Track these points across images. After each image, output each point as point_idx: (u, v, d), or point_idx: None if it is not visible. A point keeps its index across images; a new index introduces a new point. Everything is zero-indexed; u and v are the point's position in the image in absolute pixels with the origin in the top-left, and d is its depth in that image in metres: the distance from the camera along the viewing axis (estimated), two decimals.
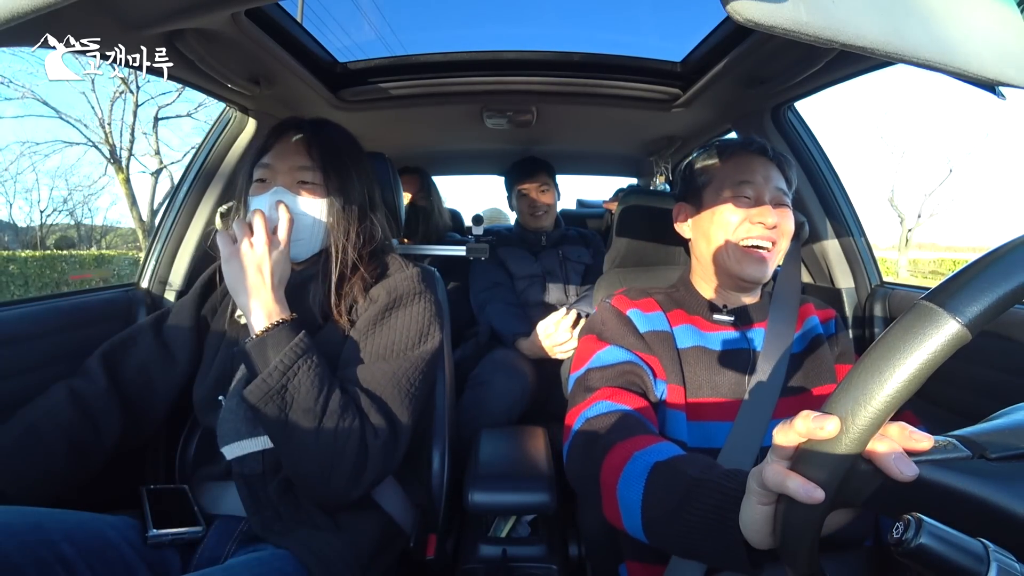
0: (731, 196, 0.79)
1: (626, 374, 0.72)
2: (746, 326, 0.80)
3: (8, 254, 10.01)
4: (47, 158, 11.87)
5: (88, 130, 10.76)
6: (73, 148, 11.27)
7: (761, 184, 0.78)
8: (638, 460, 0.56)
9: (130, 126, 10.93)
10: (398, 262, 0.87)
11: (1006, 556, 0.29)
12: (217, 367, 0.82)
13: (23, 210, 14.12)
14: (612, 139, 1.85)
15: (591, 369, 0.75)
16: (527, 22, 1.43)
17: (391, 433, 0.70)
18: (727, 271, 0.79)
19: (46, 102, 10.18)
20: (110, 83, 10.60)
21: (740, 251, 0.78)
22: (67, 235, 13.26)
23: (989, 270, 0.31)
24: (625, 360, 0.74)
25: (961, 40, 0.47)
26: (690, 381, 0.76)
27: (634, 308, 0.81)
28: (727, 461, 0.68)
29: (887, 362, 0.31)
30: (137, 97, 10.77)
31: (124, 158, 10.99)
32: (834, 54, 0.88)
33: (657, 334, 0.78)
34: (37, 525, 0.59)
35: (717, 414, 0.74)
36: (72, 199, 12.59)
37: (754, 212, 0.77)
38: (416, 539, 0.81)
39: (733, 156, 0.82)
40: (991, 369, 0.89)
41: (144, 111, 11.13)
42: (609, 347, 0.76)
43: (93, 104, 10.63)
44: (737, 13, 0.42)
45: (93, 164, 13.90)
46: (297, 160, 0.81)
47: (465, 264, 1.68)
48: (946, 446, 0.34)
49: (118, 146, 10.95)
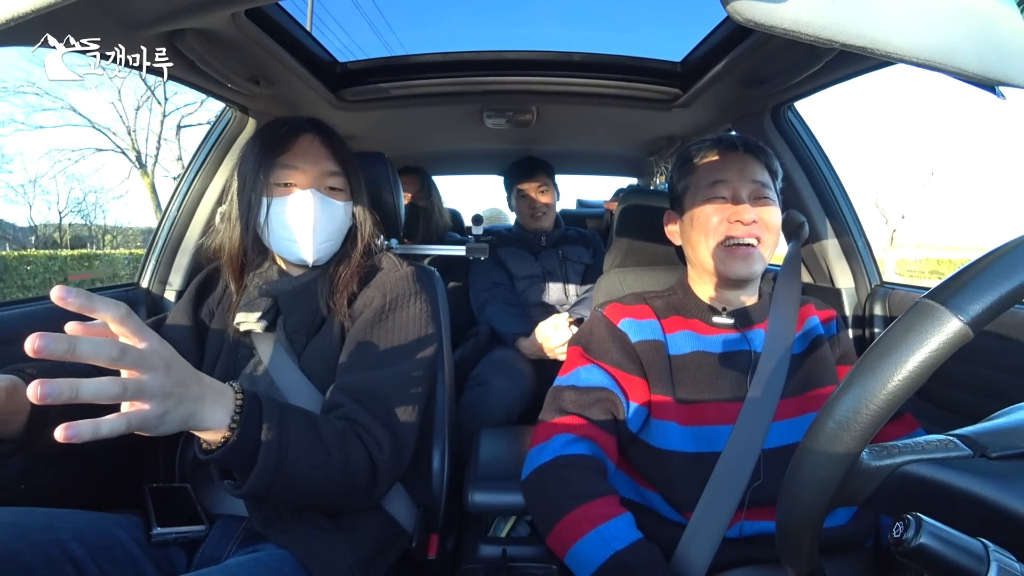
0: (707, 198, 0.79)
1: (599, 402, 0.75)
2: (746, 328, 0.80)
3: (50, 253, 10.49)
4: (75, 163, 12.88)
5: (116, 137, 11.74)
6: (101, 154, 12.15)
7: (735, 181, 0.78)
8: (596, 537, 0.63)
9: (157, 134, 11.83)
10: (393, 261, 0.87)
11: (1006, 556, 0.29)
12: (218, 372, 0.81)
13: (43, 212, 14.96)
14: (612, 139, 1.85)
15: (569, 387, 0.78)
16: (527, 22, 1.43)
17: (396, 441, 0.69)
18: (716, 272, 0.79)
19: (79, 111, 11.25)
20: (136, 92, 11.53)
21: (724, 251, 0.77)
22: (87, 234, 13.81)
23: (991, 268, 0.31)
24: (600, 386, 0.76)
25: (961, 40, 0.47)
26: (686, 387, 0.75)
27: (627, 317, 0.81)
28: (727, 464, 0.69)
29: (889, 360, 0.31)
30: (165, 108, 11.68)
31: (150, 164, 11.93)
32: (834, 54, 0.88)
33: (649, 343, 0.78)
34: (47, 525, 0.59)
35: (718, 417, 0.73)
36: (96, 201, 13.36)
37: (731, 211, 0.77)
38: (418, 539, 0.81)
39: (706, 158, 0.81)
40: (991, 369, 0.89)
41: (170, 120, 11.94)
42: (590, 366, 0.78)
43: (121, 113, 11.58)
44: (737, 13, 0.42)
45: (120, 169, 15.28)
46: (325, 164, 0.81)
47: (465, 264, 1.68)
48: (947, 445, 0.34)
49: (143, 153, 11.90)
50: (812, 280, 1.34)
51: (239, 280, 0.85)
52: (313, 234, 0.79)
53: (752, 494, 0.68)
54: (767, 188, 0.79)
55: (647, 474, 0.76)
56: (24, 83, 10.99)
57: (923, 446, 0.35)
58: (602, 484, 0.70)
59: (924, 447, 0.35)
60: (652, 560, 0.62)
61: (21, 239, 12.73)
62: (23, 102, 12.80)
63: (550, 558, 0.87)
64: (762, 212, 0.77)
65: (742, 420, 0.71)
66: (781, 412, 0.72)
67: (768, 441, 0.70)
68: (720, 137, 0.83)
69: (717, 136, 0.84)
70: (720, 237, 0.77)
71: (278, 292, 0.81)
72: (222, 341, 0.84)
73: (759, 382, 0.74)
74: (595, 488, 0.68)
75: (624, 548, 0.62)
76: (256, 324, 0.80)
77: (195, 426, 0.50)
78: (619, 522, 0.65)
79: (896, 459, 0.34)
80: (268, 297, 0.81)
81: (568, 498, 0.67)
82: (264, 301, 0.81)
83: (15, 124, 12.50)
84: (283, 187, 0.79)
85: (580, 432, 0.73)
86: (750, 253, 0.77)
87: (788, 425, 0.73)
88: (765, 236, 0.77)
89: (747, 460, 0.68)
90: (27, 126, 11.63)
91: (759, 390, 0.73)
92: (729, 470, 0.68)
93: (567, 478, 0.70)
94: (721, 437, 0.72)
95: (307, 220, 0.78)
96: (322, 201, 0.79)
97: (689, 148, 0.85)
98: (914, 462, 0.34)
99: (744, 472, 0.67)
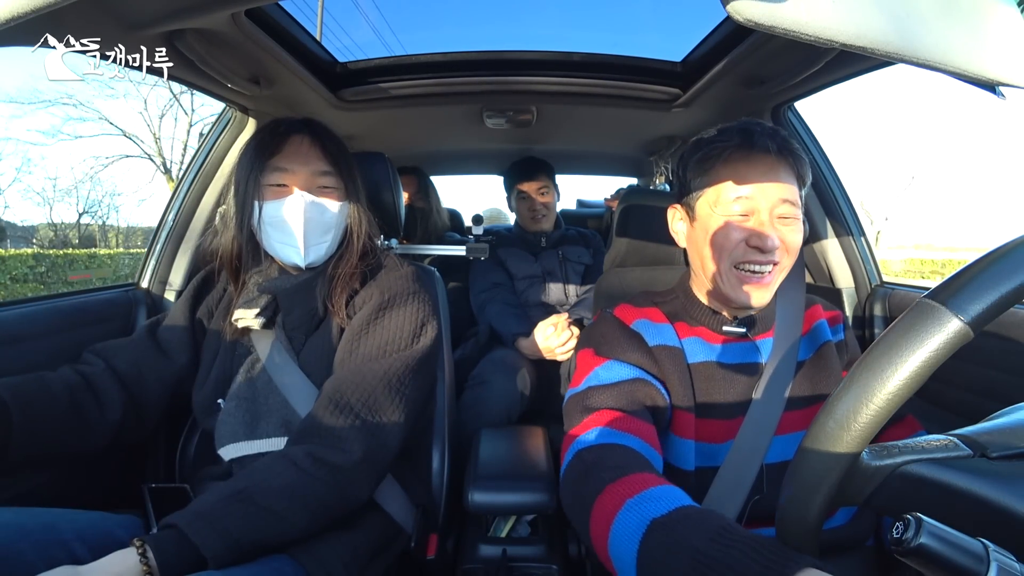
0: (726, 214, 0.68)
1: (629, 392, 0.66)
2: (755, 336, 0.75)
3: (90, 251, 11.11)
4: (105, 168, 13.87)
5: (144, 144, 12.91)
6: (130, 159, 13.42)
7: (760, 198, 0.67)
8: (631, 511, 0.48)
9: (183, 142, 12.89)
10: (394, 261, 0.88)
11: (1006, 556, 0.29)
12: (216, 371, 0.82)
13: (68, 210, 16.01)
14: (612, 139, 1.85)
15: (590, 388, 0.68)
16: (527, 22, 1.43)
17: (371, 438, 0.69)
18: (722, 294, 0.71)
19: (112, 121, 12.43)
20: (160, 101, 12.79)
21: (735, 276, 0.69)
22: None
23: (991, 269, 0.31)
24: (628, 378, 0.67)
25: (961, 40, 0.47)
26: (701, 399, 0.70)
27: (641, 318, 0.74)
28: (725, 481, 0.66)
29: (889, 360, 0.31)
30: (191, 117, 12.81)
31: (174, 169, 12.96)
32: (834, 54, 0.88)
33: (667, 349, 0.71)
34: (50, 525, 0.59)
35: (722, 432, 0.70)
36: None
37: (753, 234, 0.67)
38: (418, 539, 0.81)
39: (730, 161, 0.69)
40: (991, 369, 0.89)
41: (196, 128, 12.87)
42: (608, 362, 0.70)
43: (148, 121, 12.76)
44: (737, 13, 0.42)
45: (146, 173, 16.57)
46: (316, 164, 0.81)
47: (465, 264, 1.68)
48: (947, 445, 0.34)
49: (168, 158, 13.01)
50: (812, 280, 1.34)
51: (236, 280, 0.86)
52: (304, 238, 0.79)
53: (753, 508, 0.66)
54: (795, 206, 0.68)
55: None
56: (63, 95, 12.10)
57: (923, 446, 0.35)
58: (634, 462, 0.56)
59: (924, 447, 0.35)
60: (705, 517, 0.45)
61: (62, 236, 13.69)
62: (64, 113, 14.26)
63: (550, 558, 0.87)
64: (785, 232, 0.67)
65: (743, 435, 0.68)
66: (784, 426, 0.69)
67: (770, 455, 0.67)
68: (750, 130, 0.68)
69: (745, 127, 0.69)
70: (735, 260, 0.68)
71: (277, 289, 0.81)
72: (220, 340, 0.84)
73: (764, 395, 0.70)
74: (628, 467, 0.54)
75: (666, 515, 0.46)
76: (254, 321, 0.80)
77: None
78: (655, 489, 0.50)
79: (896, 459, 0.34)
80: (267, 294, 0.81)
81: (597, 483, 0.53)
82: (263, 298, 0.81)
83: (60, 135, 13.59)
84: (276, 188, 0.80)
85: (613, 426, 0.61)
86: (764, 283, 0.68)
87: (791, 439, 0.70)
88: (784, 260, 0.68)
89: (747, 475, 0.66)
90: (69, 136, 12.96)
91: (763, 404, 0.69)
92: (728, 485, 0.66)
93: (593, 465, 0.57)
94: (723, 452, 0.69)
95: (298, 224, 0.78)
96: (313, 204, 0.79)
97: (712, 141, 0.71)
98: (914, 462, 0.34)
99: (744, 487, 0.65)
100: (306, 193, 0.79)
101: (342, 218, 0.84)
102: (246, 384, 0.79)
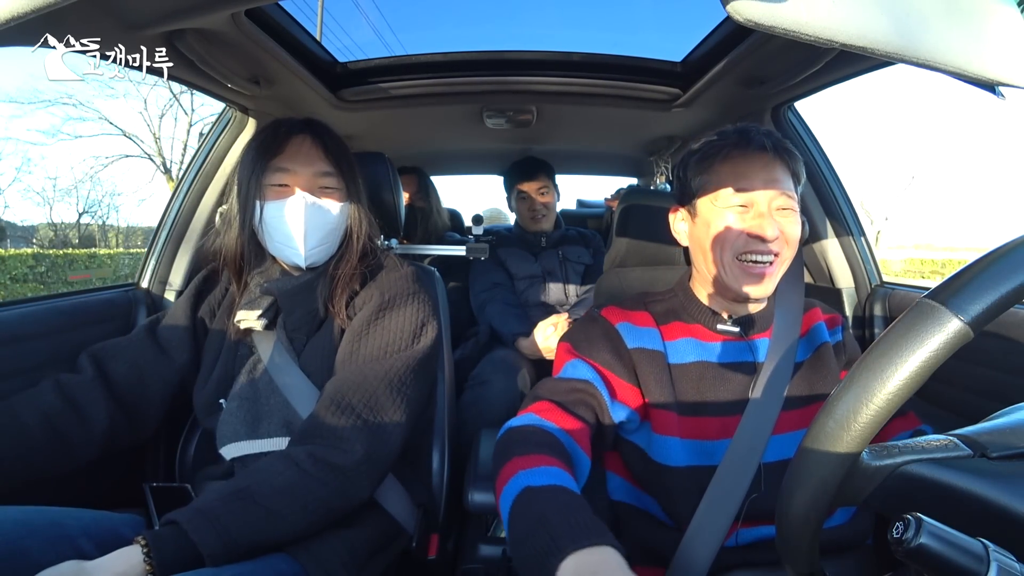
0: (726, 207, 0.72)
1: (574, 392, 0.70)
2: (751, 336, 0.76)
3: (90, 251, 11.16)
4: (104, 168, 13.92)
5: (144, 144, 12.93)
6: (130, 159, 13.44)
7: (760, 190, 0.70)
8: (518, 480, 0.55)
9: (183, 142, 12.89)
10: (393, 261, 0.88)
11: (1006, 556, 0.29)
12: (218, 371, 0.82)
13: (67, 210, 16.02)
14: (612, 139, 1.85)
15: (549, 379, 0.74)
16: (527, 22, 1.43)
17: (372, 438, 0.70)
18: (726, 287, 0.73)
19: (112, 121, 12.38)
20: (160, 101, 12.68)
21: (738, 267, 0.71)
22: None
23: (991, 268, 0.31)
24: (580, 378, 0.71)
25: (961, 40, 0.47)
26: (688, 398, 0.72)
27: (625, 321, 0.77)
28: (723, 480, 0.67)
29: (889, 360, 0.31)
30: (191, 117, 12.79)
31: (173, 169, 12.98)
32: (834, 54, 0.88)
33: (646, 352, 0.74)
34: (55, 522, 0.60)
35: (718, 431, 0.71)
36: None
37: (753, 224, 0.70)
38: (418, 539, 0.81)
39: (728, 158, 0.72)
40: (991, 369, 0.89)
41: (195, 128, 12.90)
42: (575, 360, 0.74)
43: (148, 121, 12.76)
44: (737, 13, 0.42)
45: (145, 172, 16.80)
46: (318, 165, 0.81)
47: (465, 264, 1.68)
48: (947, 445, 0.34)
49: (168, 158, 13.04)
50: (812, 280, 1.34)
51: (239, 280, 0.86)
52: (305, 238, 0.79)
53: (750, 506, 0.66)
54: (791, 198, 0.72)
55: (647, 486, 0.74)
56: (63, 95, 12.05)
57: (923, 446, 0.35)
58: (548, 447, 0.61)
59: (924, 447, 0.35)
60: (565, 498, 0.52)
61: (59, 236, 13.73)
62: (64, 113, 14.24)
63: None
64: (784, 224, 0.71)
65: (741, 434, 0.69)
66: (781, 425, 0.70)
67: (767, 455, 0.68)
68: (746, 130, 0.73)
69: (742, 128, 0.74)
70: (737, 251, 0.71)
71: (278, 291, 0.81)
72: (222, 340, 0.84)
73: (760, 394, 0.71)
74: (539, 447, 0.60)
75: (538, 486, 0.53)
76: (256, 322, 0.80)
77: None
78: (547, 468, 0.56)
79: (896, 459, 0.34)
80: (268, 295, 0.82)
81: (508, 454, 0.60)
82: (265, 299, 0.81)
83: (61, 134, 13.49)
84: (278, 189, 0.80)
85: (545, 415, 0.67)
86: (767, 273, 0.71)
87: (788, 439, 0.71)
88: (784, 251, 0.71)
89: (745, 474, 0.66)
90: (69, 136, 12.90)
91: (760, 403, 0.70)
92: (726, 484, 0.66)
93: (513, 441, 0.63)
94: (720, 450, 0.69)
95: (298, 225, 0.78)
96: (314, 205, 0.79)
97: (711, 141, 0.75)
98: (914, 462, 0.34)
99: (741, 486, 0.66)
100: (307, 194, 0.79)
101: (343, 219, 0.84)
102: (248, 384, 0.79)
